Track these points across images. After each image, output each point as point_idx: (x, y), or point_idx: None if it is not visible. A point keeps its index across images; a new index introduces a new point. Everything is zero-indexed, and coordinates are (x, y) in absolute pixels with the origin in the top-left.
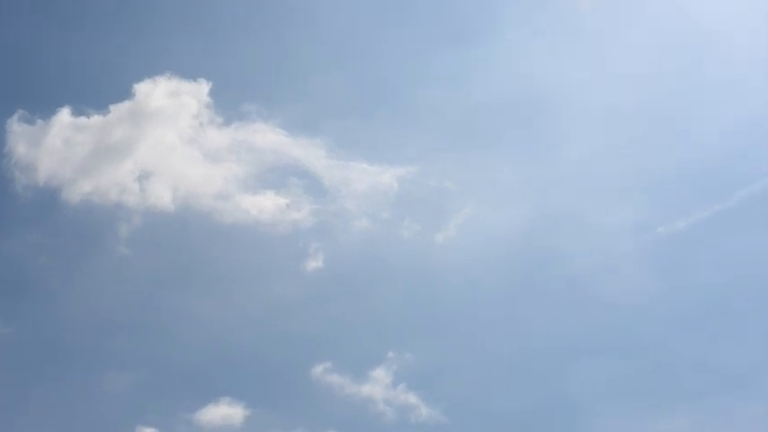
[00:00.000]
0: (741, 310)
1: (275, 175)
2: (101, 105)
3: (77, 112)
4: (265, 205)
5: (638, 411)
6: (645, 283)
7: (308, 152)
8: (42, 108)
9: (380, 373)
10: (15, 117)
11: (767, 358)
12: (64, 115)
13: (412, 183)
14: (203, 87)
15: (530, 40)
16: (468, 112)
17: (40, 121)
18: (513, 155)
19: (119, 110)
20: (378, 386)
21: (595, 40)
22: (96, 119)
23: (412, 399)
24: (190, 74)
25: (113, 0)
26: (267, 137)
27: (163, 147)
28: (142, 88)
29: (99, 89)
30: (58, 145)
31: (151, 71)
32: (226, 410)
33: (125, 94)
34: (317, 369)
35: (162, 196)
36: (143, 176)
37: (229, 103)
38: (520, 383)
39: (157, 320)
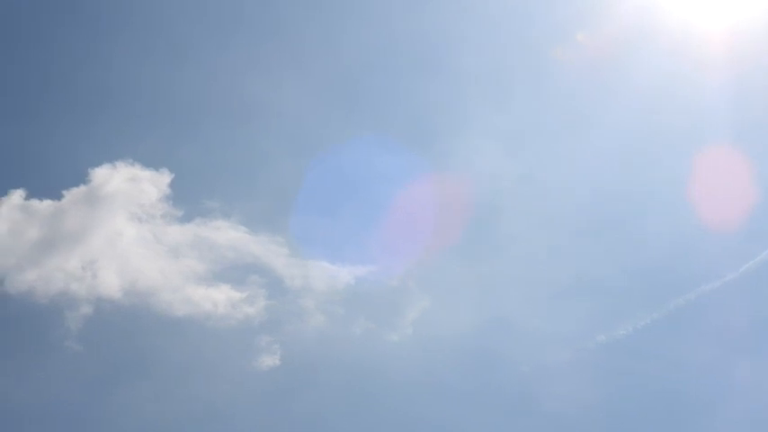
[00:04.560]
0: (676, 418)
1: (235, 272)
2: (60, 187)
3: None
4: (219, 298)
5: None
6: (583, 392)
7: (269, 250)
8: None
9: None
10: None
11: None
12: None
13: (369, 282)
14: (165, 178)
15: (490, 139)
16: (426, 213)
17: None
18: (468, 256)
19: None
20: None
21: (551, 143)
22: (50, 203)
23: None
24: (152, 162)
25: (86, 83)
26: (228, 234)
27: (117, 235)
28: (100, 173)
29: (56, 172)
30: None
31: (112, 155)
32: None
33: (81, 177)
34: None
35: (112, 286)
36: (93, 264)
37: (190, 197)
38: None
39: (102, 417)
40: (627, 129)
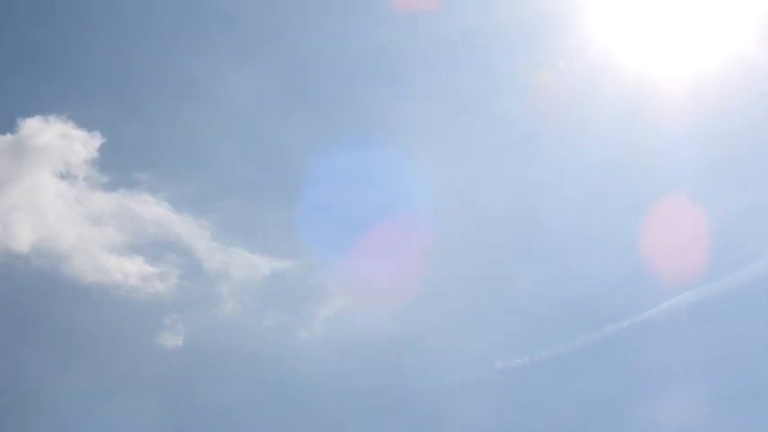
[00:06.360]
0: None
1: (153, 247)
2: None
3: None
4: (131, 270)
5: None
6: (482, 416)
7: (191, 230)
8: None
9: None
10: None
11: None
12: None
13: (288, 276)
14: (96, 141)
15: (434, 155)
16: (359, 218)
17: None
18: (393, 266)
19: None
20: None
21: (497, 168)
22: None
23: None
24: (86, 123)
25: (36, 37)
26: (152, 208)
27: (37, 191)
28: (29, 124)
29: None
30: None
31: (45, 109)
32: None
33: (9, 126)
34: None
35: (24, 241)
36: (7, 216)
37: (119, 166)
38: None
39: None
40: (577, 166)
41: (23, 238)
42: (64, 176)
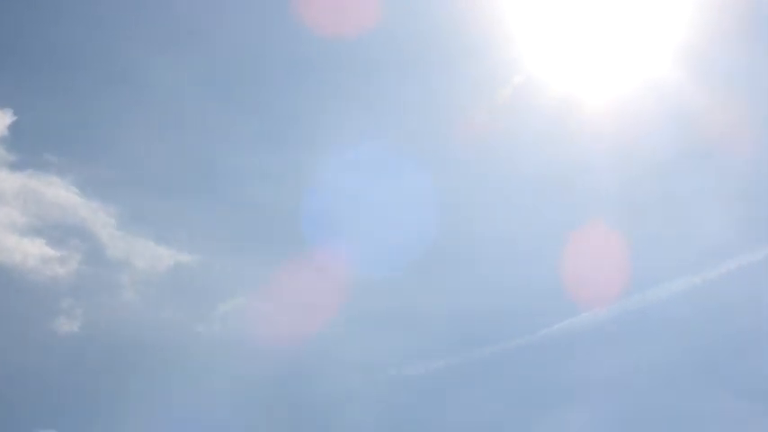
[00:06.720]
0: None
1: (55, 231)
2: None
3: None
4: (31, 252)
5: None
6: (365, 424)
7: (97, 217)
8: None
9: None
10: None
11: None
12: None
13: (191, 269)
14: (6, 119)
15: (357, 160)
16: (269, 215)
17: None
18: (298, 267)
19: None
20: None
21: (420, 171)
22: None
23: None
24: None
25: None
26: (59, 191)
27: None
28: None
29: None
30: None
31: None
32: None
33: None
34: None
35: None
36: None
37: (29, 145)
38: None
39: None
40: (498, 183)
41: None
42: None
